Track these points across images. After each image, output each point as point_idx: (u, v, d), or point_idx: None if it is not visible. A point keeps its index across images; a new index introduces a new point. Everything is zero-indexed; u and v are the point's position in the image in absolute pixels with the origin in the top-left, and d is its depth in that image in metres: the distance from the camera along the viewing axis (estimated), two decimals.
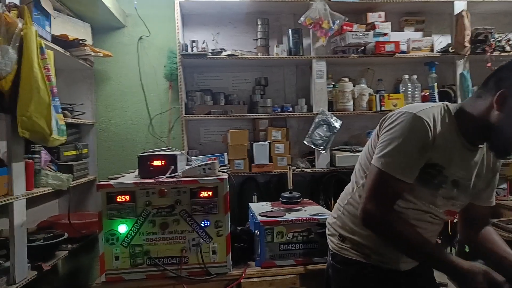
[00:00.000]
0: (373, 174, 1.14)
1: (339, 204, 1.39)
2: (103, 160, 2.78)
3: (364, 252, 1.26)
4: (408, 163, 1.10)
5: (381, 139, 1.15)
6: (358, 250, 1.27)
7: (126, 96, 2.82)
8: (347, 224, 1.31)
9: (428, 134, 1.09)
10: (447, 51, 2.71)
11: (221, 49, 2.62)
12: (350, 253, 1.28)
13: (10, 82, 1.54)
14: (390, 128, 1.13)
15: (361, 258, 1.26)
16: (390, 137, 1.11)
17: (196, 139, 2.84)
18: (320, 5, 2.50)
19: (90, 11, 2.47)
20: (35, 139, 1.67)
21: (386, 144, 1.12)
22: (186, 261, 1.61)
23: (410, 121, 1.10)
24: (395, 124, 1.12)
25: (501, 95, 1.05)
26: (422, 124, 1.09)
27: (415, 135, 1.09)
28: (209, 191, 1.62)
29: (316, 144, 2.57)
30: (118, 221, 1.58)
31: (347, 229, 1.31)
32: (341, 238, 1.32)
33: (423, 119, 1.09)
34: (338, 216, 1.36)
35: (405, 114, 1.12)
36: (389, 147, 1.11)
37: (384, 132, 1.15)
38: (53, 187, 1.94)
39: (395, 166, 1.10)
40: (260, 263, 1.72)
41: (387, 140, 1.12)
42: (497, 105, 1.05)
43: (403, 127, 1.10)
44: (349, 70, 2.90)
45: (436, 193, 1.17)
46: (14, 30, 1.53)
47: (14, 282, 1.60)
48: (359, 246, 1.27)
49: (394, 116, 1.14)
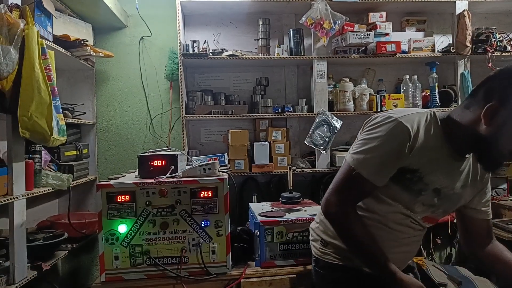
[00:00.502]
0: (344, 168, 1.15)
1: None
2: (103, 160, 2.79)
3: (346, 256, 1.25)
4: (379, 166, 1.09)
5: (360, 138, 1.15)
6: (340, 254, 1.26)
7: (126, 96, 2.83)
8: (329, 229, 1.29)
9: (407, 141, 1.07)
10: (448, 51, 2.70)
11: (222, 49, 2.62)
12: (332, 257, 1.28)
13: (11, 82, 1.54)
14: (371, 129, 1.12)
15: (343, 262, 1.25)
16: (368, 138, 1.11)
17: (197, 139, 2.84)
18: (321, 5, 2.49)
19: (92, 11, 2.47)
20: (35, 139, 1.67)
21: (363, 143, 1.11)
22: (186, 261, 1.61)
23: (392, 126, 1.07)
24: (376, 126, 1.11)
25: (490, 109, 1.00)
26: (402, 130, 1.07)
27: (392, 140, 1.07)
28: (209, 191, 1.62)
29: (317, 144, 2.57)
30: (118, 221, 1.58)
31: (329, 234, 1.30)
32: (323, 243, 1.31)
33: (404, 125, 1.07)
34: (321, 221, 1.35)
35: (388, 118, 1.10)
36: (364, 146, 1.10)
37: (365, 132, 1.14)
38: (53, 187, 1.94)
39: (366, 166, 1.09)
40: (260, 263, 1.72)
41: (364, 140, 1.12)
42: (485, 119, 1.01)
43: (383, 130, 1.08)
44: (350, 70, 2.90)
45: (415, 199, 1.15)
46: (16, 30, 1.53)
47: (14, 282, 1.61)
48: (341, 251, 1.25)
49: (378, 118, 1.13)
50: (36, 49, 1.61)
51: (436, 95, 2.72)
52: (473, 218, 1.27)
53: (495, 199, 2.69)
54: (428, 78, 2.75)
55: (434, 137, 1.10)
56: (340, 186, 1.15)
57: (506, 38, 2.74)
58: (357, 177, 1.10)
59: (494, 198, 2.72)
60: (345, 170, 1.14)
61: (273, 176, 2.71)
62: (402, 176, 1.11)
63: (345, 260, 1.25)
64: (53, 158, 2.18)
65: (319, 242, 1.33)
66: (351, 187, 1.14)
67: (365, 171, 1.09)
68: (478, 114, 1.03)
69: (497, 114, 0.99)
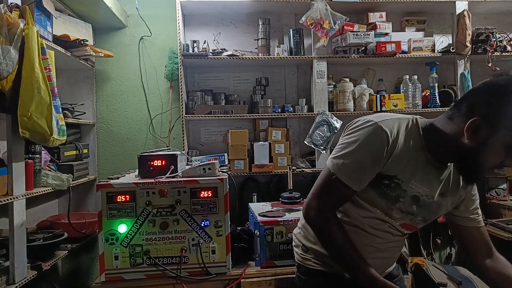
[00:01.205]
0: (323, 173, 1.14)
1: None
2: (103, 160, 2.79)
3: (326, 262, 1.24)
4: (358, 171, 1.08)
5: (340, 141, 1.14)
6: (321, 260, 1.25)
7: (126, 96, 2.83)
8: (310, 234, 1.28)
9: (385, 146, 1.06)
10: (448, 51, 2.70)
11: (222, 49, 2.62)
12: (312, 263, 1.27)
13: (11, 82, 1.54)
14: (351, 133, 1.11)
15: (323, 268, 1.24)
16: (347, 142, 1.10)
17: (197, 139, 2.85)
18: (321, 5, 2.50)
19: (92, 11, 2.47)
20: (35, 139, 1.67)
21: (342, 147, 1.11)
22: (186, 261, 1.61)
23: (370, 130, 1.06)
24: (356, 130, 1.10)
25: (473, 124, 0.98)
26: (381, 135, 1.05)
27: (371, 145, 1.06)
28: (209, 191, 1.62)
29: (317, 144, 2.57)
30: (118, 221, 1.58)
31: (310, 239, 1.29)
32: (304, 248, 1.30)
33: (383, 130, 1.05)
34: (302, 226, 1.34)
35: (367, 122, 1.09)
36: (343, 150, 1.09)
37: (345, 135, 1.14)
38: (53, 187, 1.94)
39: (345, 171, 1.08)
40: (260, 263, 1.72)
41: (344, 144, 1.11)
42: (467, 133, 0.99)
43: (362, 134, 1.07)
44: (350, 70, 2.90)
45: (393, 206, 1.14)
46: (16, 30, 1.53)
47: (14, 281, 1.61)
48: (321, 256, 1.24)
49: (358, 122, 1.12)
50: (36, 49, 1.61)
51: (436, 95, 2.72)
52: (464, 226, 1.24)
53: (495, 199, 2.69)
54: (428, 78, 2.76)
55: (414, 144, 1.09)
56: (320, 191, 1.14)
57: (506, 38, 2.74)
58: (336, 181, 1.09)
59: (494, 198, 2.72)
60: (324, 175, 1.14)
61: (273, 176, 2.71)
62: (379, 182, 1.11)
63: (325, 265, 1.24)
64: (53, 158, 2.18)
65: (300, 247, 1.32)
66: (330, 192, 1.13)
67: (344, 176, 1.08)
68: (462, 127, 1.01)
69: (480, 129, 0.98)
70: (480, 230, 1.24)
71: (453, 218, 1.26)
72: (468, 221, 1.24)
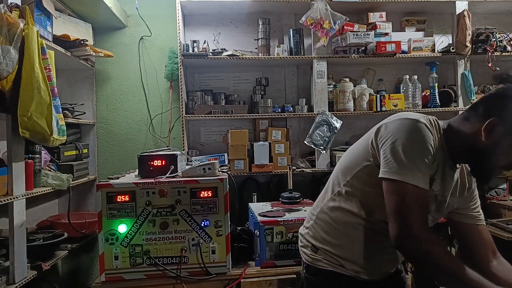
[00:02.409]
0: (394, 189, 1.03)
1: (311, 213, 1.34)
2: (103, 160, 2.79)
3: (338, 263, 1.22)
4: (424, 170, 1.03)
5: (386, 149, 1.06)
6: (332, 260, 1.22)
7: (126, 96, 2.83)
8: (320, 234, 1.26)
9: (433, 139, 1.06)
10: (448, 51, 2.70)
11: (222, 49, 2.62)
12: (323, 263, 1.24)
13: (11, 82, 1.54)
14: (394, 138, 1.05)
15: (335, 268, 1.22)
16: (396, 147, 1.03)
17: (197, 139, 2.84)
18: (321, 5, 2.49)
19: (92, 11, 2.47)
20: (35, 139, 1.67)
21: (394, 154, 1.03)
22: (186, 261, 1.61)
23: (416, 128, 1.05)
24: (396, 132, 1.06)
25: (490, 124, 1.02)
26: (426, 129, 1.05)
27: (424, 141, 1.04)
28: (209, 191, 1.63)
29: (317, 144, 2.57)
30: (118, 221, 1.58)
31: (319, 239, 1.26)
32: (314, 249, 1.27)
33: (426, 125, 1.06)
34: (311, 226, 1.31)
35: (407, 120, 1.06)
36: (402, 156, 1.02)
37: (388, 142, 1.06)
38: (53, 187, 1.94)
39: (415, 175, 1.02)
40: (260, 263, 1.72)
41: (394, 150, 1.04)
42: (485, 133, 1.03)
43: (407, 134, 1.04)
44: (350, 70, 2.90)
45: None
46: (16, 30, 1.53)
47: (14, 281, 1.61)
48: (333, 257, 1.22)
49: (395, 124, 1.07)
50: (36, 49, 1.61)
51: (436, 95, 2.72)
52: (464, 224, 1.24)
53: (495, 199, 2.69)
54: (428, 78, 2.75)
55: (439, 142, 1.10)
56: (405, 211, 1.01)
57: (506, 38, 2.73)
58: (415, 190, 1.01)
59: (494, 198, 2.72)
60: (397, 190, 1.02)
61: (273, 176, 2.71)
62: None
63: (337, 266, 1.22)
64: (53, 158, 2.18)
65: (310, 248, 1.29)
66: (416, 205, 1.02)
67: (418, 181, 1.01)
68: (478, 127, 1.05)
69: (497, 129, 1.02)
70: (480, 229, 1.24)
71: (453, 215, 1.26)
72: (469, 218, 1.24)
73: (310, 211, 1.36)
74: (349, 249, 1.20)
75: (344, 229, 1.21)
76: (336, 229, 1.22)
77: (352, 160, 1.21)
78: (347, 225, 1.20)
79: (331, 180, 1.30)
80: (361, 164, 1.16)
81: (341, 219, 1.21)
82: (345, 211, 1.21)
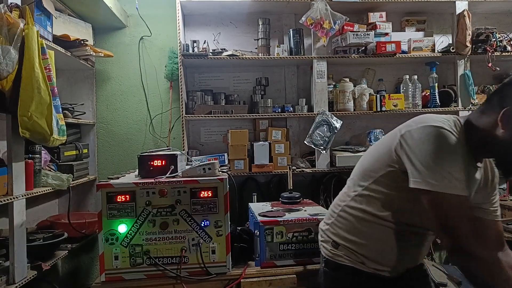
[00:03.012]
0: (434, 201, 1.04)
1: (332, 211, 1.36)
2: (103, 160, 2.79)
3: (359, 260, 1.23)
4: (460, 176, 1.04)
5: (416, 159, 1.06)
6: (352, 257, 1.24)
7: (126, 96, 2.83)
8: (341, 231, 1.28)
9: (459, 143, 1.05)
10: (448, 51, 2.70)
11: (222, 49, 2.62)
12: (343, 259, 1.26)
13: (11, 82, 1.54)
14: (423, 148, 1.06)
15: (355, 265, 1.24)
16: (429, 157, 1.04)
17: (197, 139, 2.85)
18: (321, 5, 2.49)
19: (92, 11, 2.47)
20: (35, 139, 1.67)
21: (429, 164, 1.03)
22: (186, 261, 1.61)
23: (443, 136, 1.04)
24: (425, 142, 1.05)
25: (506, 114, 1.03)
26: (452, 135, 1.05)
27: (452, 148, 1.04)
28: (209, 191, 1.62)
29: (317, 144, 2.57)
30: (118, 221, 1.58)
31: (340, 236, 1.28)
32: (335, 244, 1.29)
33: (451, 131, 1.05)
34: (332, 223, 1.33)
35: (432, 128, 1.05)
36: (435, 166, 1.03)
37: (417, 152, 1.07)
38: (53, 187, 1.94)
39: (453, 183, 1.02)
40: (260, 263, 1.72)
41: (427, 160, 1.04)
42: (501, 123, 1.04)
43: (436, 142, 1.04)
44: (349, 70, 2.90)
45: None
46: (16, 30, 1.53)
47: (14, 281, 1.61)
48: (354, 253, 1.24)
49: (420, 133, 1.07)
50: (36, 49, 1.61)
51: (436, 95, 2.72)
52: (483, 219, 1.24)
53: None
54: (428, 78, 2.75)
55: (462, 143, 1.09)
56: (454, 223, 1.02)
57: (506, 38, 2.73)
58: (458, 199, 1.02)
59: None
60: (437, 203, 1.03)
61: (273, 176, 2.71)
62: None
63: (357, 263, 1.23)
64: (53, 158, 2.18)
65: (330, 243, 1.31)
66: (463, 215, 1.02)
67: (459, 189, 1.02)
68: (495, 119, 1.05)
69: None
70: (496, 225, 1.25)
71: None
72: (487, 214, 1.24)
73: (331, 208, 1.38)
74: (370, 248, 1.22)
75: (365, 229, 1.23)
76: (357, 229, 1.24)
77: (374, 164, 1.22)
78: (369, 226, 1.22)
79: (351, 180, 1.31)
80: (385, 169, 1.17)
81: (362, 220, 1.23)
82: (367, 212, 1.22)
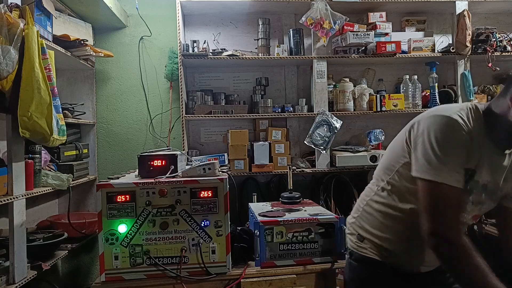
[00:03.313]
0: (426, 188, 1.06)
1: (358, 205, 1.39)
2: (103, 160, 2.79)
3: (382, 254, 1.26)
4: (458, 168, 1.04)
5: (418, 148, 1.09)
6: (377, 250, 1.27)
7: (126, 96, 2.83)
8: (365, 225, 1.31)
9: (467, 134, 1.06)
10: (448, 51, 2.70)
11: (222, 49, 2.62)
12: (368, 252, 1.28)
13: (11, 82, 1.55)
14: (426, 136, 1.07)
15: (379, 258, 1.26)
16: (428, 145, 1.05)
17: (197, 139, 2.85)
18: (321, 5, 2.49)
19: (92, 11, 2.47)
20: (35, 139, 1.67)
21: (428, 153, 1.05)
22: (186, 261, 1.61)
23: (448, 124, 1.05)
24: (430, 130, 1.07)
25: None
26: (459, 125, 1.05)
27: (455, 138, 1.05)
28: (209, 191, 1.62)
29: (317, 144, 2.57)
30: (118, 221, 1.58)
31: (365, 230, 1.31)
32: (360, 237, 1.32)
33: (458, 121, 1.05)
34: (358, 217, 1.37)
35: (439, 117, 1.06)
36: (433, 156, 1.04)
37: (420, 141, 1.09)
38: (53, 187, 1.94)
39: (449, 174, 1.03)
40: (260, 263, 1.71)
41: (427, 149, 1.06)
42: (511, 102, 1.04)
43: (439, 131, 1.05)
44: (349, 70, 2.90)
45: (467, 199, 1.13)
46: (16, 30, 1.53)
47: (14, 281, 1.61)
48: (378, 246, 1.26)
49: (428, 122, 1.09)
50: (36, 49, 1.61)
51: (436, 95, 2.71)
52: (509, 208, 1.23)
53: None
54: (428, 78, 2.75)
55: (480, 131, 1.09)
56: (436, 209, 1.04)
57: (506, 38, 2.73)
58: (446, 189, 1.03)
59: None
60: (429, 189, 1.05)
61: (273, 176, 2.71)
62: None
63: (381, 256, 1.26)
64: (53, 158, 2.18)
65: (356, 236, 1.34)
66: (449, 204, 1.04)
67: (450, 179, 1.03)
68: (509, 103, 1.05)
69: None
70: None
71: (504, 200, 1.24)
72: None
73: (358, 203, 1.40)
74: (393, 242, 1.23)
75: (389, 223, 1.25)
76: (381, 223, 1.26)
77: (392, 157, 1.24)
78: (392, 220, 1.24)
79: (375, 174, 1.34)
80: (401, 161, 1.19)
81: (385, 214, 1.25)
82: (389, 206, 1.24)
